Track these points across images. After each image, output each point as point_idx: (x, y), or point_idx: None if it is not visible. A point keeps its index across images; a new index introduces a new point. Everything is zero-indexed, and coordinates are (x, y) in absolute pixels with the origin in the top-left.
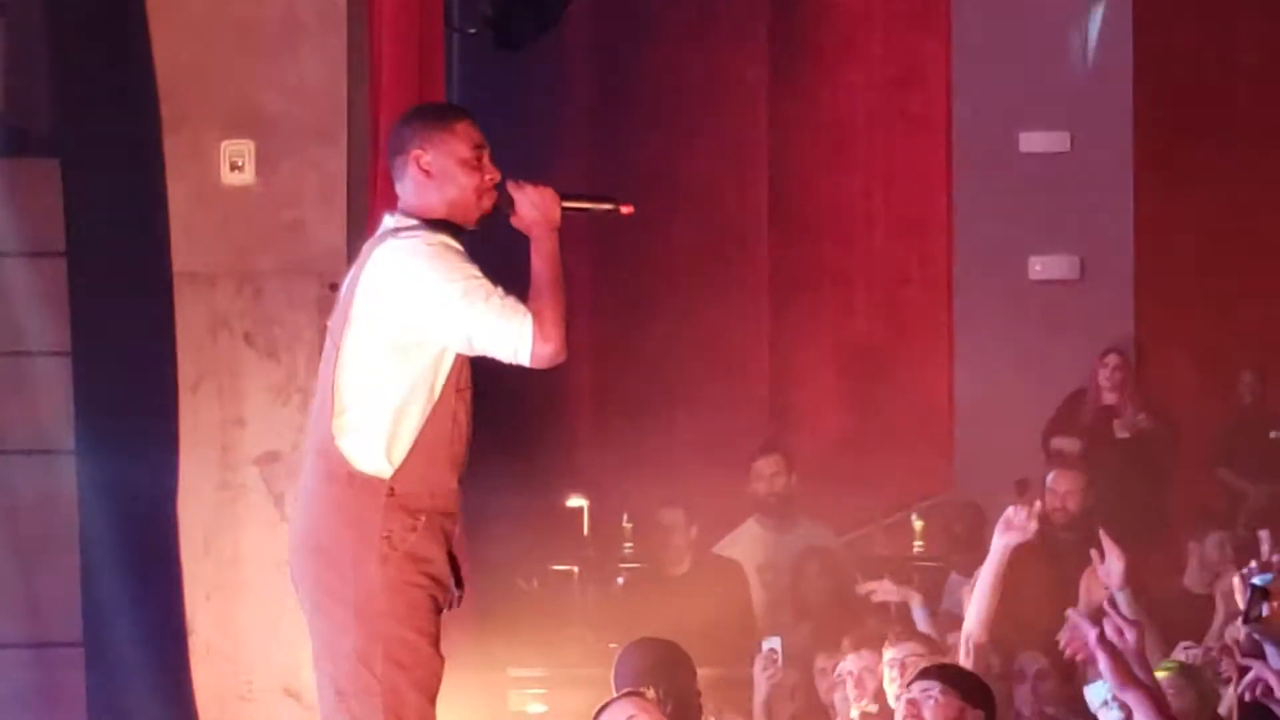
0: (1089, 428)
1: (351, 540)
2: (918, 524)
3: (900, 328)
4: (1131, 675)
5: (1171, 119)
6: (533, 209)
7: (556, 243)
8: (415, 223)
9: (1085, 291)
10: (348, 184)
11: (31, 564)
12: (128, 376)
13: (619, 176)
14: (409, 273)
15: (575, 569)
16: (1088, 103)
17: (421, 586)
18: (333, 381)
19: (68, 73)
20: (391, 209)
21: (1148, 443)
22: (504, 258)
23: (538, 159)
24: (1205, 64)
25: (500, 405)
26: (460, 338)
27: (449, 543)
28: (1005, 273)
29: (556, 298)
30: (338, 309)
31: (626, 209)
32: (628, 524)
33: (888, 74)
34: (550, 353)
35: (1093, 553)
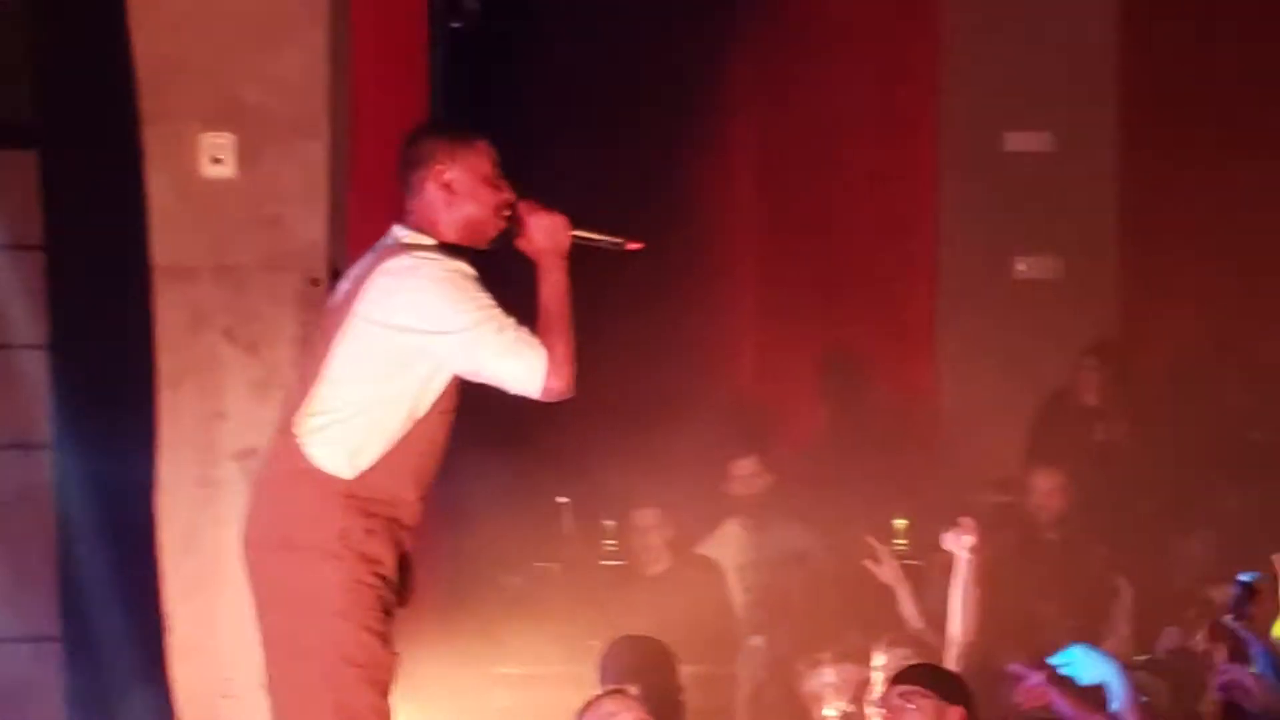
0: (1071, 429)
1: (307, 536)
2: (900, 523)
3: (884, 327)
4: (1087, 706)
5: (1157, 120)
6: (544, 235)
7: (565, 272)
8: (431, 243)
9: (1070, 292)
10: (329, 178)
11: (8, 559)
12: (106, 371)
13: (602, 176)
14: (421, 299)
15: (557, 566)
16: (1073, 103)
17: (372, 586)
18: (316, 380)
19: (46, 64)
20: (380, 206)
21: (1128, 450)
22: (505, 277)
23: (522, 157)
24: (1191, 64)
25: (484, 403)
26: (469, 367)
27: (400, 550)
28: (990, 272)
29: (567, 331)
30: (335, 309)
31: (634, 245)
32: (609, 522)
33: (874, 73)
34: (561, 388)
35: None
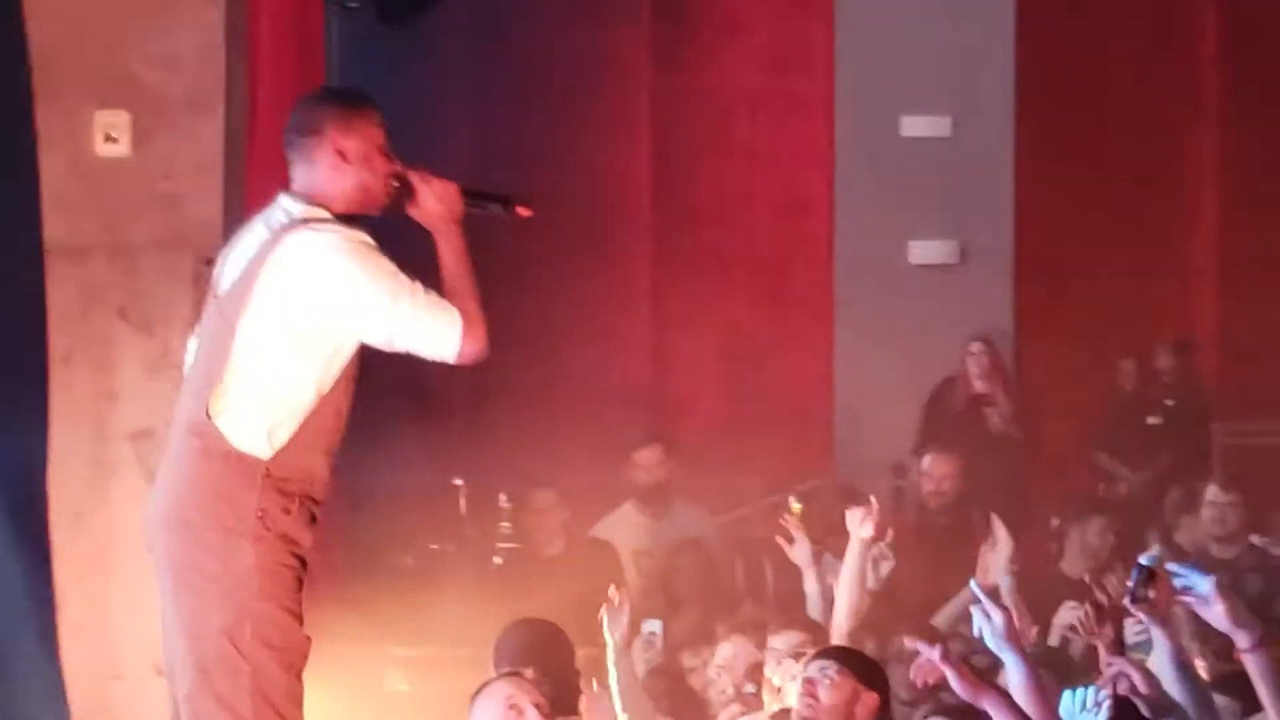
0: (961, 415)
1: (225, 518)
2: (795, 506)
3: (781, 310)
4: (982, 683)
5: (1052, 105)
6: (436, 201)
7: (462, 237)
8: (326, 215)
9: (965, 276)
10: (225, 157)
11: None
12: None
13: (498, 156)
14: (329, 270)
15: (452, 548)
16: (969, 87)
17: (291, 567)
18: (223, 360)
19: None
20: (275, 185)
21: (1015, 443)
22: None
23: (418, 137)
24: (1085, 50)
25: (378, 384)
26: (382, 336)
27: (313, 527)
28: (885, 256)
29: (474, 292)
30: (234, 287)
31: (524, 211)
32: (505, 504)
33: (771, 56)
34: (478, 349)
35: (984, 547)
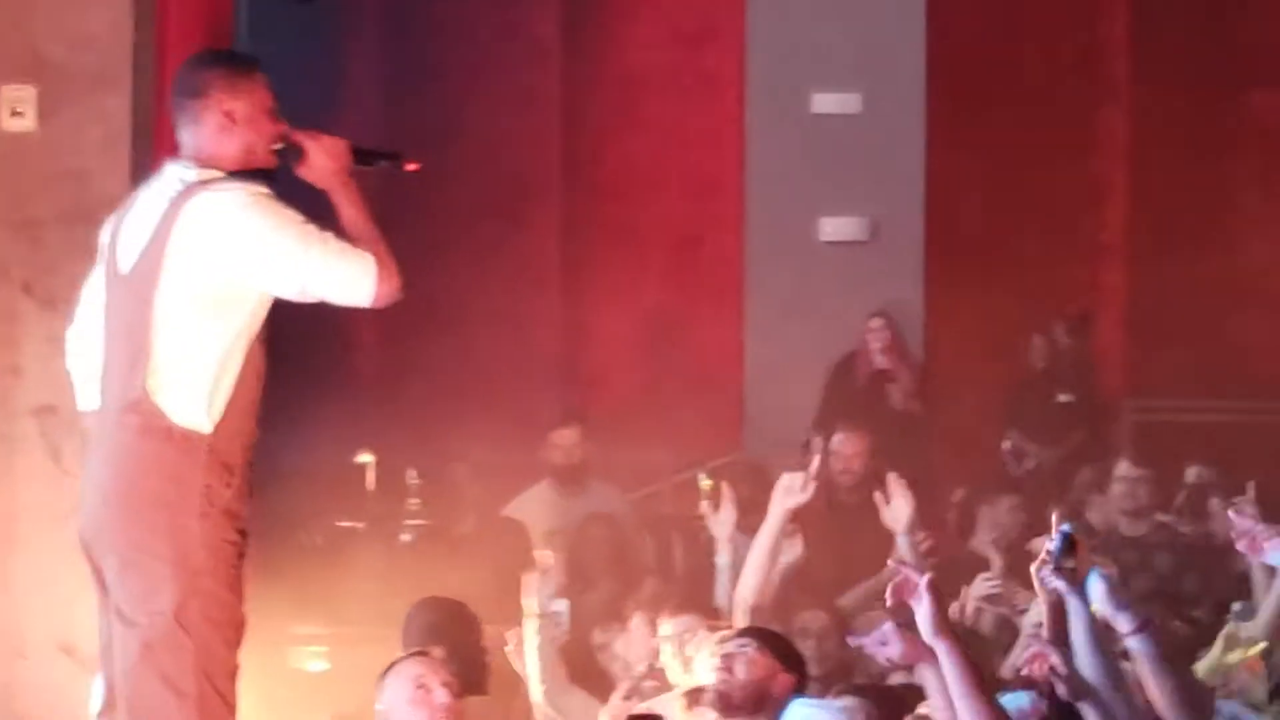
0: (863, 391)
1: (170, 495)
2: (705, 483)
3: (691, 287)
4: (947, 624)
5: (962, 83)
6: (326, 157)
7: (356, 190)
8: (221, 174)
9: (875, 253)
10: (132, 133)
11: None
12: None
13: (408, 131)
14: (238, 226)
15: (360, 525)
16: (880, 65)
17: (234, 543)
18: (145, 336)
19: None
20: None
21: (917, 419)
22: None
23: (326, 110)
24: (996, 29)
25: (284, 358)
26: (296, 285)
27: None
28: (796, 233)
29: (379, 238)
30: (141, 262)
31: (412, 165)
32: (414, 480)
33: (681, 32)
34: (392, 290)
35: (877, 496)
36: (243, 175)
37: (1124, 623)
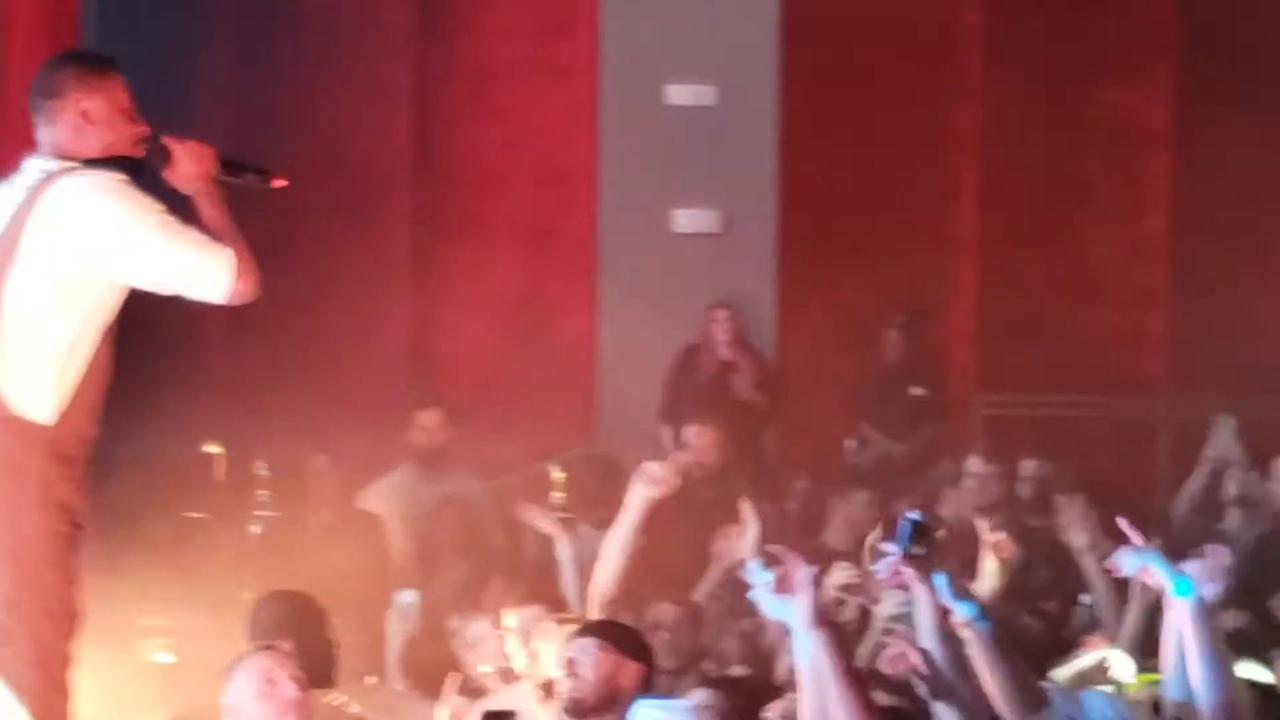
0: (708, 383)
1: (7, 486)
2: (557, 475)
3: (544, 278)
4: (824, 616)
5: (817, 75)
6: (192, 162)
7: (220, 195)
8: (80, 164)
9: (728, 245)
10: None
11: None
12: None
13: (258, 122)
14: (97, 212)
15: (207, 517)
16: (735, 58)
17: (70, 535)
18: None
19: None
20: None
21: (762, 410)
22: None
23: (176, 104)
24: (850, 23)
25: (131, 348)
26: (152, 275)
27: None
28: (649, 225)
29: (240, 238)
30: None
31: (278, 182)
32: (263, 472)
33: (536, 22)
34: (249, 288)
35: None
36: (105, 164)
37: (962, 611)
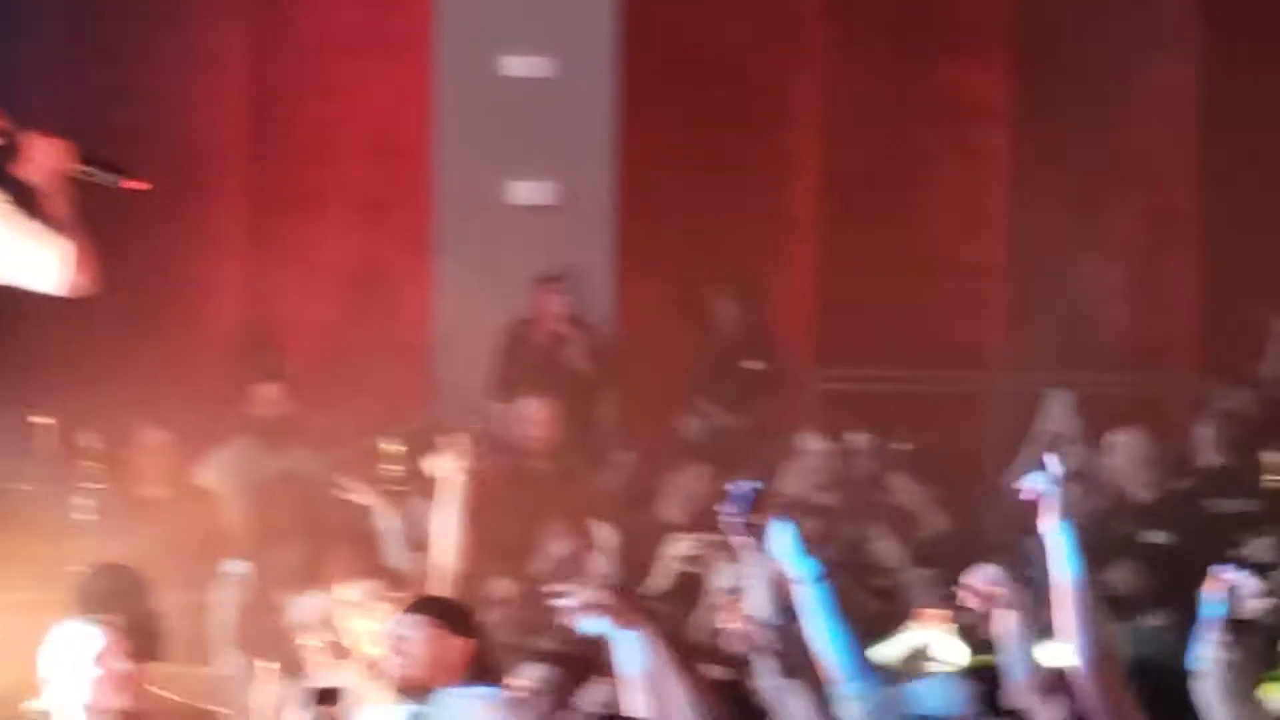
0: (540, 356)
1: None
2: (388, 448)
3: (381, 251)
4: (635, 613)
5: (656, 49)
6: (46, 157)
7: (69, 189)
8: None
9: (565, 218)
10: None
11: None
12: None
13: (88, 93)
14: None
15: (30, 488)
16: (572, 29)
17: None
18: None
19: None
20: None
21: (596, 382)
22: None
23: (4, 72)
24: None
25: None
26: None
27: None
28: (485, 197)
29: (83, 231)
30: None
31: (136, 184)
32: (91, 444)
33: None
34: (86, 281)
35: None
36: None
37: (806, 569)
